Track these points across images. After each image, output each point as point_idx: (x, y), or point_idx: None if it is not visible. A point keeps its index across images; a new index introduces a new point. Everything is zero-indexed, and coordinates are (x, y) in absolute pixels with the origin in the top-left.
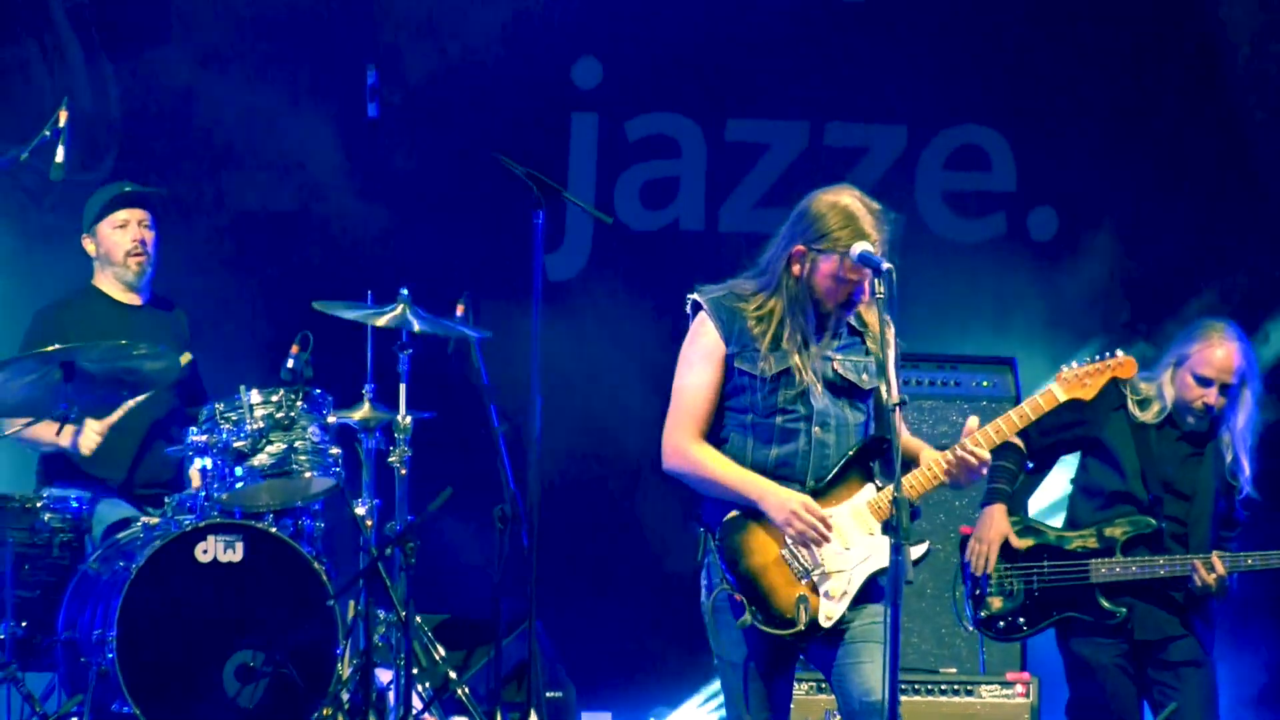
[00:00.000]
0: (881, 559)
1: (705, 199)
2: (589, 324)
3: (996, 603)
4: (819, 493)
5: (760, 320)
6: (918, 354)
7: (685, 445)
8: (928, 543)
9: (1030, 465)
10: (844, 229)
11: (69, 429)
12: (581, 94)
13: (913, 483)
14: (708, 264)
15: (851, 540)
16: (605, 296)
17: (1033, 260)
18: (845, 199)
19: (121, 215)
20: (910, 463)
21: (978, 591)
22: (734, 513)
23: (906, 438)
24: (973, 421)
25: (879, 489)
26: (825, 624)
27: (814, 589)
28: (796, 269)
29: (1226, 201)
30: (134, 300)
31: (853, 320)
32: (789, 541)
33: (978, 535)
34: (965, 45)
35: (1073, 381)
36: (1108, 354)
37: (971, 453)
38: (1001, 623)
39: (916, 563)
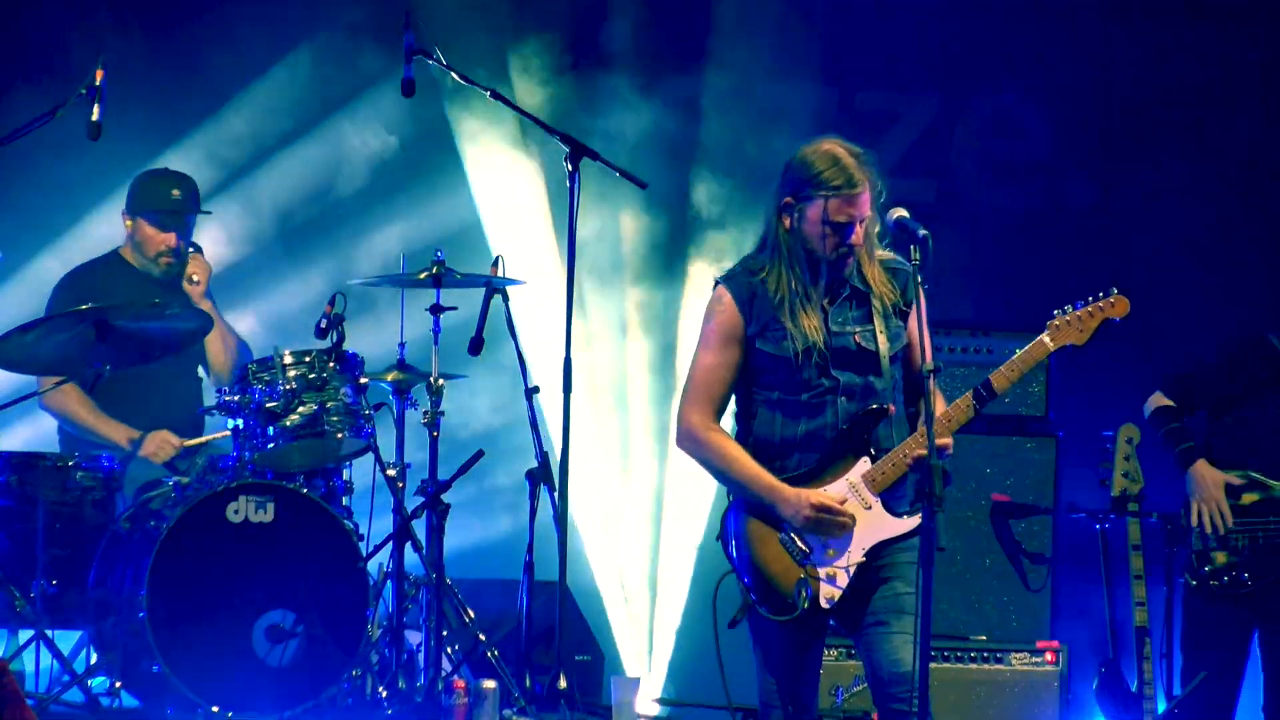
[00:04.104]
0: (880, 532)
1: None
2: None
3: (1221, 557)
4: (814, 474)
5: (775, 288)
6: (949, 321)
7: (698, 428)
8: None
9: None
10: (825, 171)
11: (133, 433)
12: None
13: (889, 466)
14: None
15: (850, 515)
16: None
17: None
18: (825, 145)
19: (164, 218)
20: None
21: (1200, 546)
22: (734, 500)
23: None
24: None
25: (874, 459)
26: (825, 605)
27: (815, 570)
28: (787, 221)
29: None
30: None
31: (858, 283)
32: (786, 526)
33: (1199, 497)
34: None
35: (1063, 328)
36: (1101, 295)
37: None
38: (1226, 577)
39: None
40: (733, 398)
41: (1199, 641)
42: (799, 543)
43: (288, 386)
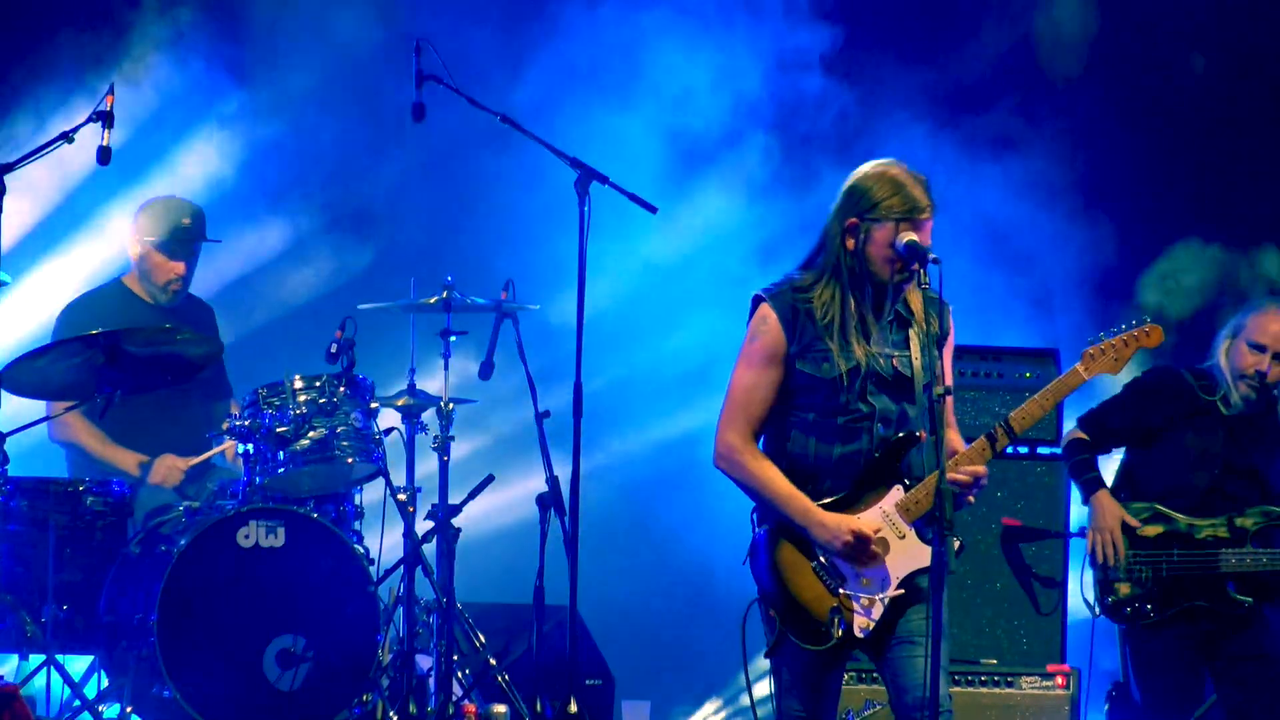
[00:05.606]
0: (914, 561)
1: None
2: None
3: (1124, 588)
4: (848, 500)
5: (824, 308)
6: (961, 344)
7: (737, 448)
8: (959, 541)
9: (1107, 453)
10: (894, 196)
11: (142, 458)
12: None
13: (922, 494)
14: None
15: (883, 545)
16: None
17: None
18: (891, 169)
19: (174, 246)
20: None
21: (1105, 577)
22: (765, 527)
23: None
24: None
25: (907, 488)
26: (859, 634)
27: (849, 599)
28: (851, 243)
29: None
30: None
31: (901, 309)
32: (820, 555)
33: (1095, 527)
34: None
35: (1099, 358)
36: (1135, 323)
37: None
38: (1128, 608)
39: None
40: None
41: (1150, 673)
42: (833, 572)
43: (298, 411)
